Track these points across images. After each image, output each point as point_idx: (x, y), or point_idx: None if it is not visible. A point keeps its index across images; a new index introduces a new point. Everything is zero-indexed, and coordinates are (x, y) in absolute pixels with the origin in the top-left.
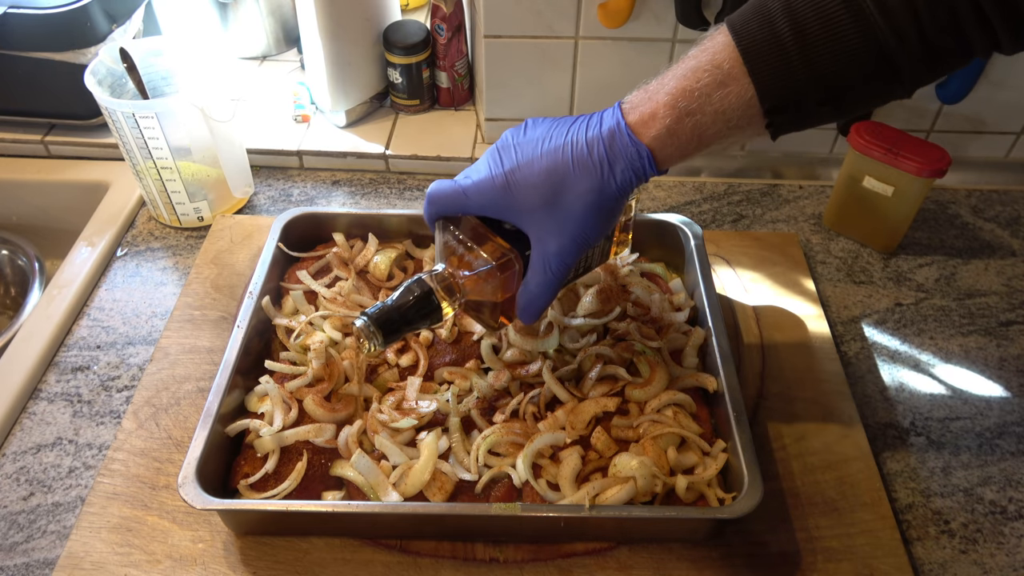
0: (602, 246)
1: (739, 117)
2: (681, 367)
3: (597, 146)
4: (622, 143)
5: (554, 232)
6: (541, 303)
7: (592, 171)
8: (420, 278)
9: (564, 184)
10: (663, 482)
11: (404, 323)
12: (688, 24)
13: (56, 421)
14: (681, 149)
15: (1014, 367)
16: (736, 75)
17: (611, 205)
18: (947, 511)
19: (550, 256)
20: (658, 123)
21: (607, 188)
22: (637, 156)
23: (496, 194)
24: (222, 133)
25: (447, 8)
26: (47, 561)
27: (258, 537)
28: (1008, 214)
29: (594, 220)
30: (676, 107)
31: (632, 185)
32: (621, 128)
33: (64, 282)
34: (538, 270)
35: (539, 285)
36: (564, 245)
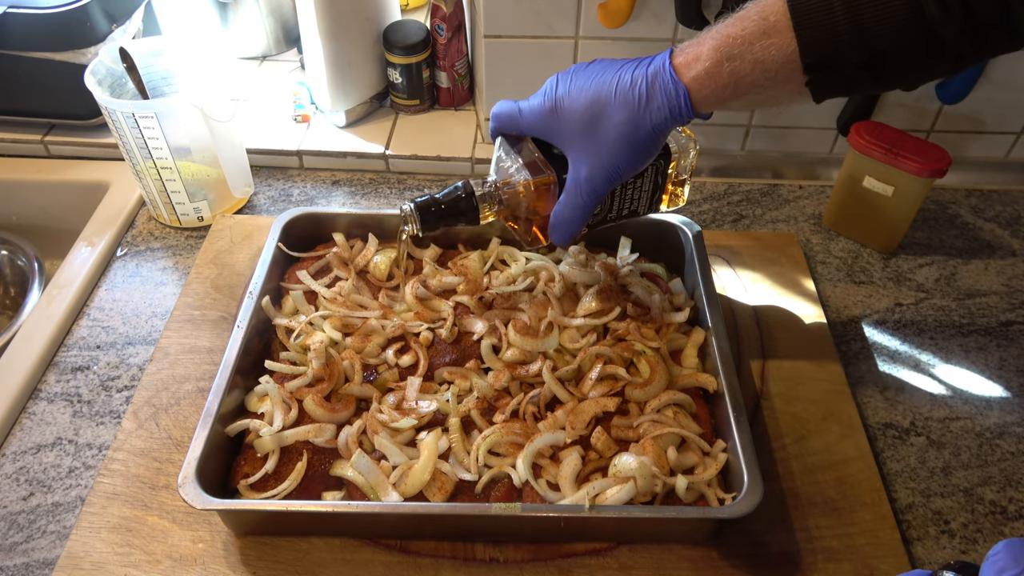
0: (649, 192)
1: (777, 70)
2: (681, 367)
3: (640, 82)
4: (663, 80)
5: (588, 157)
6: (570, 224)
7: (630, 104)
8: (468, 180)
9: (604, 113)
10: (663, 482)
11: (442, 215)
12: (688, 24)
13: (56, 421)
14: (718, 93)
15: (1014, 367)
16: (780, 28)
17: (644, 139)
18: (947, 511)
19: (581, 179)
20: (700, 64)
21: (642, 122)
22: (675, 94)
23: (545, 116)
24: (222, 133)
25: (447, 8)
26: (47, 561)
27: (258, 537)
28: (1008, 214)
29: (626, 151)
30: (718, 51)
31: (667, 123)
32: (665, 67)
33: (64, 282)
34: (570, 191)
35: (569, 206)
36: (594, 170)
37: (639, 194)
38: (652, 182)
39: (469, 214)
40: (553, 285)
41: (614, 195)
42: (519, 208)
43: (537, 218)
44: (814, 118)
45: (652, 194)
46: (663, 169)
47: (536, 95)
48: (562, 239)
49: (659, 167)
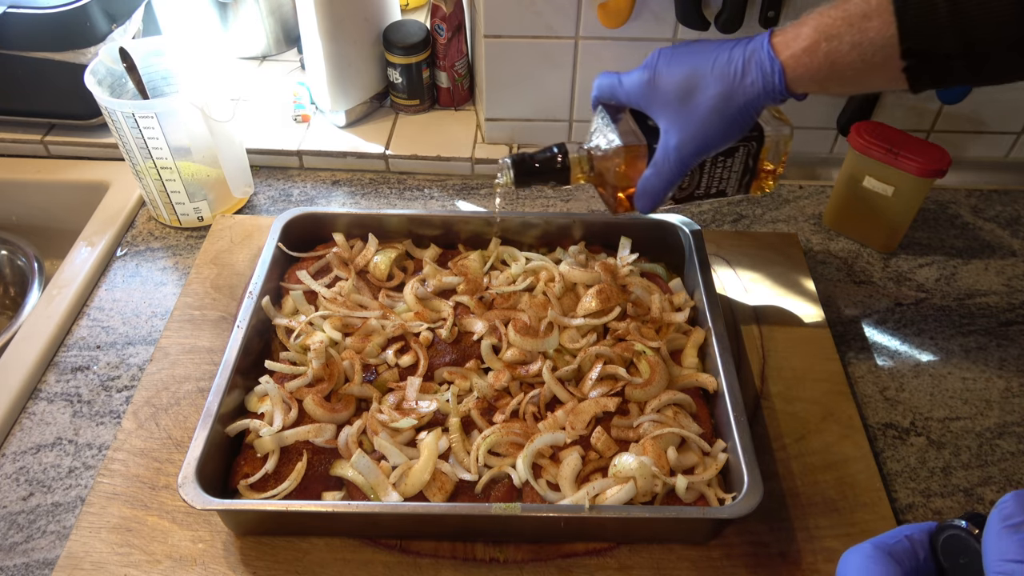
0: (739, 173)
1: (875, 53)
2: (681, 367)
3: (738, 58)
4: (759, 57)
5: (679, 127)
6: (656, 192)
7: (726, 77)
8: (563, 143)
9: (699, 85)
10: (663, 482)
11: (535, 171)
12: (688, 24)
13: (56, 421)
14: (813, 73)
15: (1014, 367)
16: (881, 10)
17: (736, 113)
18: (947, 511)
19: (670, 148)
20: (798, 43)
21: (735, 95)
22: (770, 71)
23: (643, 86)
24: (222, 133)
25: (447, 8)
26: (47, 561)
27: (258, 537)
28: (1008, 214)
29: (716, 123)
30: (818, 30)
31: (759, 99)
32: (763, 45)
33: (64, 282)
34: (658, 160)
35: (656, 175)
36: (684, 140)
37: (728, 173)
38: (743, 163)
39: (561, 173)
40: (553, 285)
41: (703, 170)
42: (609, 174)
43: (625, 185)
44: (814, 118)
45: (742, 176)
46: (755, 152)
47: (638, 68)
48: (647, 207)
49: (751, 149)
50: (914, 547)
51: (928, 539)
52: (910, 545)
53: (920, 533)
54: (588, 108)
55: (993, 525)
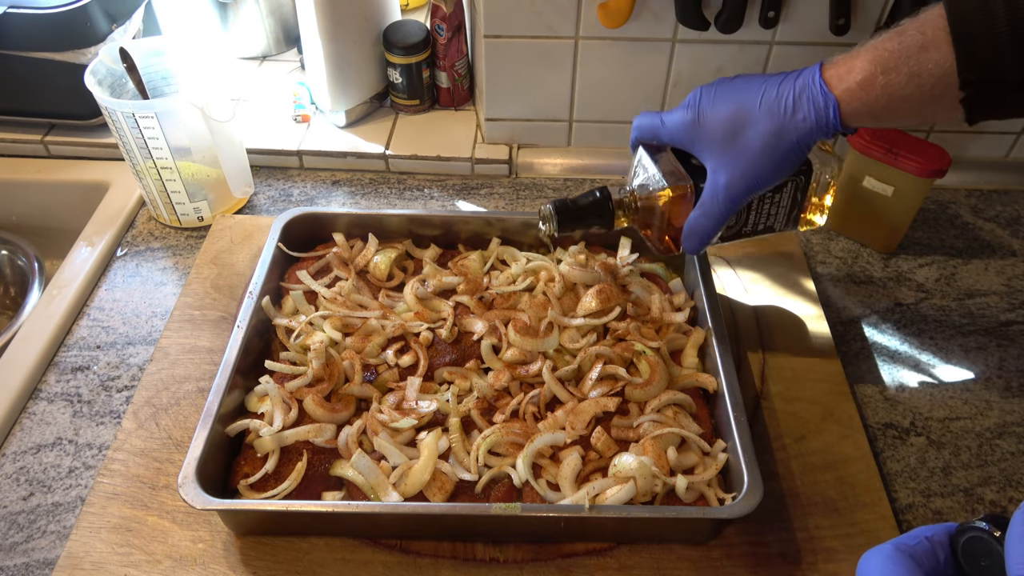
0: (787, 208)
1: (933, 84)
2: (681, 367)
3: (788, 93)
4: (811, 92)
5: (728, 165)
6: (705, 233)
7: (776, 114)
8: (606, 187)
9: (747, 122)
10: (663, 482)
11: (578, 217)
12: (688, 24)
13: (56, 421)
14: (869, 106)
15: (1014, 367)
16: (939, 41)
17: (788, 151)
18: (947, 511)
19: (719, 187)
20: (852, 77)
21: (786, 132)
22: (824, 105)
23: (687, 125)
24: (222, 133)
25: (447, 8)
26: (47, 561)
27: (258, 537)
28: (1008, 214)
29: (767, 161)
30: (873, 63)
31: (812, 134)
32: (815, 79)
33: (64, 282)
34: (707, 199)
35: (705, 214)
36: (734, 179)
37: (776, 209)
38: (791, 198)
39: (605, 218)
40: (553, 285)
41: (751, 208)
42: (654, 215)
43: (671, 226)
44: None
45: (790, 211)
46: (803, 185)
47: (680, 106)
48: (695, 247)
49: (799, 183)
50: (935, 548)
51: (949, 540)
52: (930, 546)
53: (941, 534)
54: (588, 108)
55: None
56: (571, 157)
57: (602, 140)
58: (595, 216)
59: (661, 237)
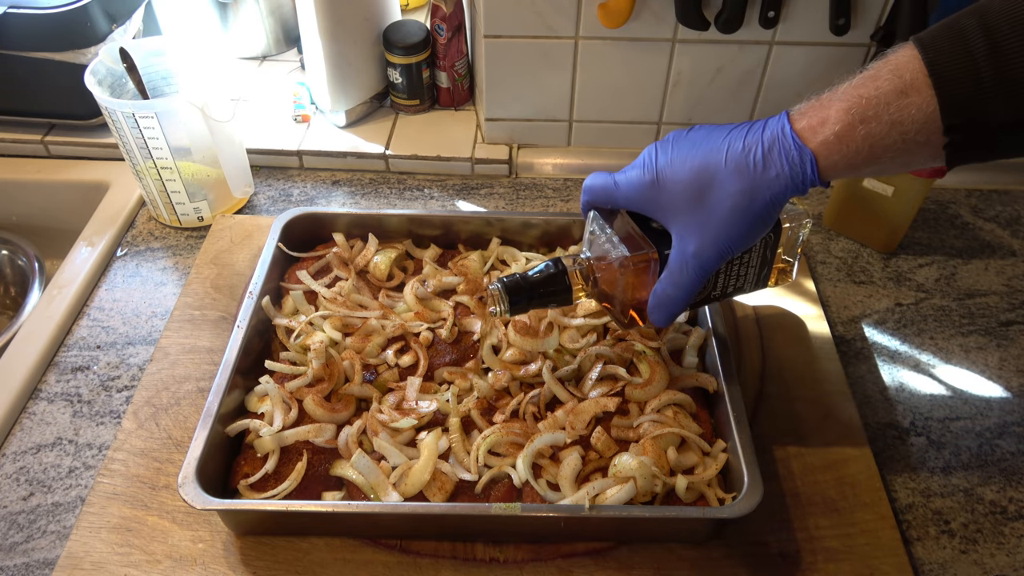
0: (757, 267)
1: (917, 131)
2: (681, 367)
3: (755, 148)
4: (784, 146)
5: (696, 231)
6: (673, 305)
7: (745, 172)
8: (558, 258)
9: (713, 182)
10: (663, 482)
11: (533, 296)
12: (688, 24)
13: (56, 421)
14: (849, 159)
15: (1014, 367)
16: (919, 85)
17: (761, 211)
18: (947, 511)
19: (688, 256)
20: (828, 128)
21: (759, 192)
22: (799, 161)
23: (644, 188)
24: (222, 133)
25: (447, 8)
26: (47, 561)
27: (258, 537)
28: (1008, 214)
29: (740, 224)
30: (850, 112)
31: (787, 192)
32: (785, 132)
33: (64, 282)
34: (674, 269)
35: (673, 285)
36: (704, 246)
37: (746, 270)
38: (760, 257)
39: (561, 295)
40: None
41: (719, 272)
42: (615, 287)
43: (635, 298)
44: None
45: (760, 270)
46: (773, 243)
47: (632, 166)
48: (663, 320)
49: (768, 240)
50: None
51: None
52: None
53: None
54: (588, 108)
55: None
56: (571, 157)
57: (602, 140)
58: (550, 294)
59: (624, 311)
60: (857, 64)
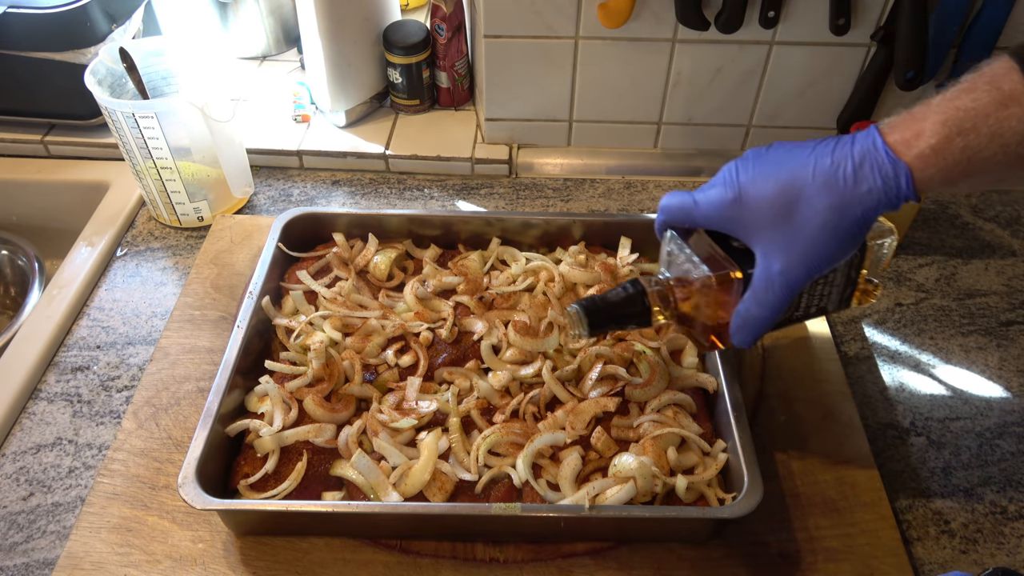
0: (840, 287)
1: (1018, 143)
2: (681, 367)
3: (845, 163)
4: (876, 161)
5: (782, 249)
6: (758, 325)
7: (835, 187)
8: (637, 279)
9: (801, 199)
10: (663, 482)
11: (611, 318)
12: (688, 24)
13: (56, 421)
14: (945, 172)
15: (1014, 367)
16: (1019, 97)
17: (851, 227)
18: (947, 511)
19: (774, 274)
20: (923, 141)
21: (850, 207)
22: (892, 175)
23: (726, 205)
24: (222, 133)
25: (447, 8)
26: (47, 561)
27: (258, 537)
28: (1008, 214)
29: (829, 241)
30: (946, 124)
31: (879, 207)
32: (877, 145)
33: (64, 282)
34: (759, 289)
35: (758, 305)
36: (791, 264)
37: (830, 289)
38: (844, 276)
39: (640, 317)
40: (553, 285)
41: (802, 291)
42: (696, 308)
43: (716, 318)
44: (814, 118)
45: (843, 289)
46: (857, 262)
47: (711, 184)
48: (747, 342)
49: (853, 259)
50: None
51: None
52: None
53: None
54: (588, 108)
55: None
56: (571, 157)
57: (602, 140)
58: (629, 315)
59: (706, 332)
60: (857, 64)
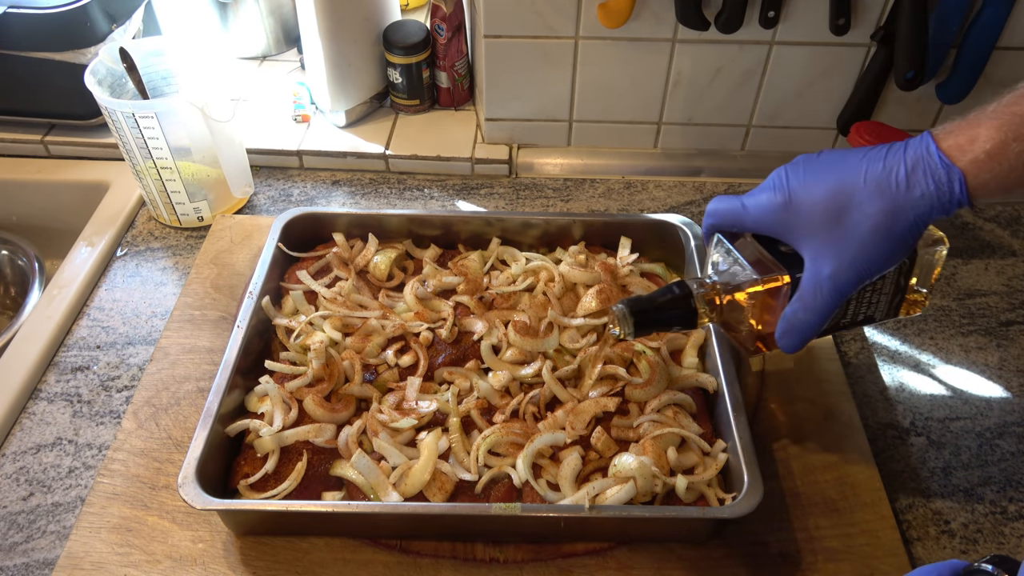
0: (889, 295)
1: None
2: (681, 367)
3: (897, 168)
4: (929, 166)
5: (832, 253)
6: (806, 329)
7: (887, 192)
8: (683, 281)
9: (852, 203)
10: (663, 482)
11: (657, 319)
12: (688, 24)
13: (56, 421)
14: (1001, 178)
15: (1014, 367)
16: None
17: (903, 232)
18: (947, 511)
19: (823, 278)
20: (978, 146)
21: (902, 212)
22: (946, 180)
23: (775, 210)
24: (222, 133)
25: (447, 8)
26: (47, 561)
27: (258, 537)
28: (1008, 214)
29: (880, 246)
30: (1002, 130)
31: (932, 212)
32: (931, 151)
33: (64, 282)
34: (807, 293)
35: (806, 309)
36: (840, 268)
37: (878, 297)
38: (893, 284)
39: (686, 319)
40: (553, 285)
41: (851, 297)
42: (742, 312)
43: (762, 322)
44: (814, 117)
45: (892, 297)
46: (907, 270)
47: (761, 189)
48: (794, 345)
49: (903, 267)
50: None
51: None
52: None
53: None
54: (588, 108)
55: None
56: (571, 157)
57: (602, 140)
58: (675, 317)
59: (751, 336)
60: (857, 64)
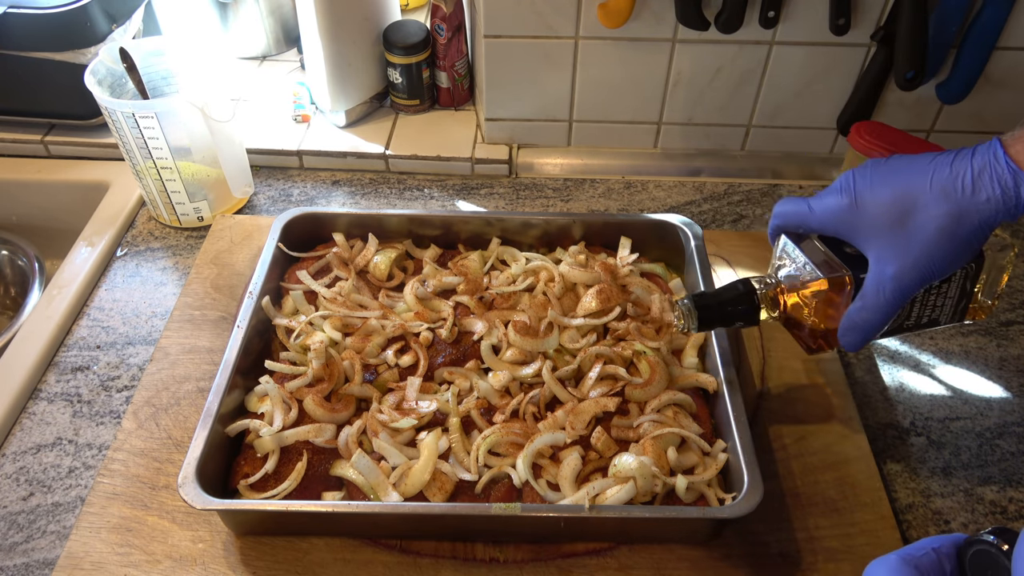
0: (955, 299)
1: None
2: (681, 367)
3: (964, 173)
4: (995, 171)
5: (896, 254)
6: (868, 328)
7: (952, 195)
8: (748, 279)
9: (917, 205)
10: (663, 482)
11: (720, 315)
12: (688, 24)
13: (56, 421)
14: None
15: (1014, 367)
16: None
17: (968, 235)
18: (947, 511)
19: (886, 279)
20: None
21: (967, 215)
22: (1012, 185)
23: (841, 211)
24: (222, 133)
25: (447, 8)
26: (47, 561)
27: (258, 537)
28: None
29: (945, 247)
30: None
31: (997, 216)
32: (998, 156)
33: (64, 282)
34: (870, 293)
35: (868, 309)
36: (904, 269)
37: (943, 300)
38: (959, 288)
39: (749, 315)
40: (553, 285)
41: (915, 299)
42: (806, 310)
43: (825, 320)
44: (814, 117)
45: (958, 302)
46: (973, 274)
47: (828, 191)
48: (856, 344)
49: (969, 271)
50: (941, 560)
51: (955, 552)
52: (937, 558)
53: (948, 546)
54: (588, 108)
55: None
56: (571, 157)
57: (602, 140)
58: (738, 313)
59: (813, 335)
60: (857, 64)
